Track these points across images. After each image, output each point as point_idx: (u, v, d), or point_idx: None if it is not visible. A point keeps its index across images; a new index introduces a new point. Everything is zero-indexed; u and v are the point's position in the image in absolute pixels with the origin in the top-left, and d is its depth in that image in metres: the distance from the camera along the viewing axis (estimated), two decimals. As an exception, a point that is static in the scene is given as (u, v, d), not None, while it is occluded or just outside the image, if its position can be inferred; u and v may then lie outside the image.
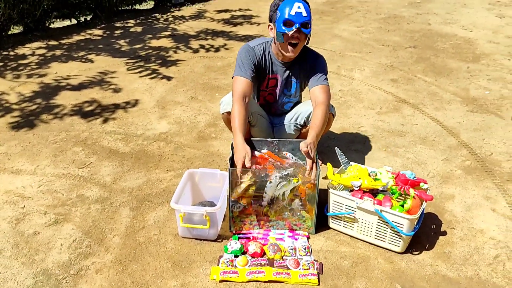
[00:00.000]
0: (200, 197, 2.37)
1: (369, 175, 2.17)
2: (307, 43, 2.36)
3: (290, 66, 2.44)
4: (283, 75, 2.46)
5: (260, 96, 2.55)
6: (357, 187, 2.09)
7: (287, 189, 2.08)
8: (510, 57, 4.53)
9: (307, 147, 2.06)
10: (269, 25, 2.36)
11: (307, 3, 2.28)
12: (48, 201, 2.41)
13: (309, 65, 2.42)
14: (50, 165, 2.73)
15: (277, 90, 2.51)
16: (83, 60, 4.43)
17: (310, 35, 2.32)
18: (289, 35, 2.24)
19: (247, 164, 2.06)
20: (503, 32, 5.31)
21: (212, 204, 2.29)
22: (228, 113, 2.38)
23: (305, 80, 2.47)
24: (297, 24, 2.21)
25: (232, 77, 2.34)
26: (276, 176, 2.06)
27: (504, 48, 4.79)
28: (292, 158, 2.27)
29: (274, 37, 2.33)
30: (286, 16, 2.22)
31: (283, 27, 2.24)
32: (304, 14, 2.22)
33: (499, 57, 4.52)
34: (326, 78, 2.40)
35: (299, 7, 2.21)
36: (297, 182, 2.06)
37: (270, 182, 2.06)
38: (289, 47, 2.29)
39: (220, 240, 2.14)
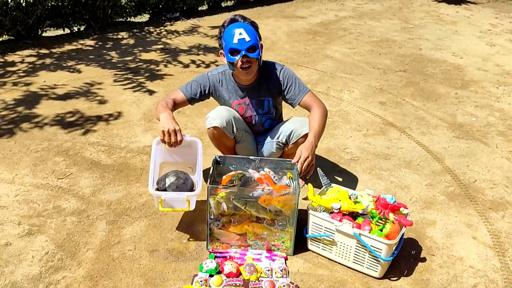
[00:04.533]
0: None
1: (350, 197, 2.15)
2: (260, 64, 2.33)
3: (256, 86, 2.42)
4: (252, 97, 2.44)
5: None
6: (337, 209, 2.07)
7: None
8: (498, 85, 4.57)
9: (302, 158, 2.12)
10: (220, 52, 2.35)
11: (252, 24, 2.26)
12: (23, 211, 2.36)
13: (275, 79, 2.41)
14: (29, 175, 2.68)
15: (251, 113, 2.49)
16: (71, 70, 4.40)
17: (261, 55, 2.30)
18: (238, 62, 2.24)
19: (179, 138, 2.12)
20: (492, 60, 5.37)
21: (186, 176, 2.25)
22: (214, 127, 2.36)
23: (278, 94, 2.47)
24: (242, 51, 2.20)
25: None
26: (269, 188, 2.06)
27: (493, 76, 4.84)
28: (274, 177, 2.25)
29: (227, 64, 2.33)
30: (230, 45, 2.21)
31: (230, 56, 2.24)
32: (248, 39, 2.19)
33: (488, 85, 4.56)
34: (302, 84, 2.41)
35: (240, 34, 2.19)
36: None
37: (263, 190, 2.05)
38: (243, 72, 2.29)
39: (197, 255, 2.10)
